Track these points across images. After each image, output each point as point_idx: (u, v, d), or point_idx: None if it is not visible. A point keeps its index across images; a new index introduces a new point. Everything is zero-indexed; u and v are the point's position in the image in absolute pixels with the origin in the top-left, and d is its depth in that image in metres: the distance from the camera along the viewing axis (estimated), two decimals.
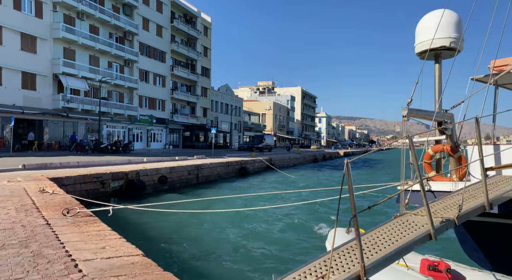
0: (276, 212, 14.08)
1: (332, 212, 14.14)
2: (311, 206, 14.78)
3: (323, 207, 14.95)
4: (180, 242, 9.79)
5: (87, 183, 14.34)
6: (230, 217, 12.96)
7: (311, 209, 14.68)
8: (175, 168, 20.14)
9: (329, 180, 27.31)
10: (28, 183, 10.35)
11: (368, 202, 15.91)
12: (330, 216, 13.59)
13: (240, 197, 14.90)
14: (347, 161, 2.57)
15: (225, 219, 12.64)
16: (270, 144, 52.78)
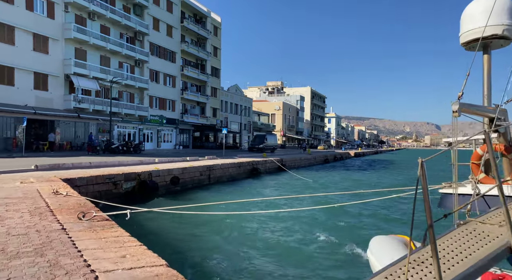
0: (306, 215, 13.32)
1: (371, 218, 13.31)
2: (349, 210, 14.16)
3: (357, 211, 14.36)
4: (203, 248, 9.29)
5: (100, 184, 14.12)
6: (257, 220, 12.41)
7: (347, 213, 13.93)
8: (187, 169, 19.87)
9: (347, 180, 26.71)
10: (41, 184, 10.13)
11: (405, 206, 15.10)
12: (371, 222, 12.80)
13: (266, 200, 14.45)
14: (421, 160, 2.16)
15: (251, 222, 12.11)
16: (273, 145, 50.16)
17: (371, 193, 15.05)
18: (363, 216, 13.82)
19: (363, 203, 12.63)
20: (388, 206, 15.67)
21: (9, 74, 26.46)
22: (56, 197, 8.01)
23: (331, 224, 12.21)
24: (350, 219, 13.21)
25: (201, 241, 9.94)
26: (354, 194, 16.10)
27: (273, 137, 51.68)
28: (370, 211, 14.66)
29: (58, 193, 8.52)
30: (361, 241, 9.23)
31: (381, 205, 15.48)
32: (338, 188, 22.28)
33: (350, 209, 13.99)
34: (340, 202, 14.43)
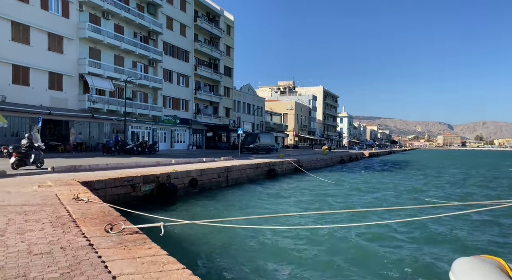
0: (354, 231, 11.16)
1: (444, 236, 10.85)
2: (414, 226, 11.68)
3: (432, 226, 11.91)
4: (246, 264, 7.86)
5: (118, 187, 13.56)
6: (299, 235, 10.47)
7: (409, 228, 11.53)
8: (205, 171, 19.23)
9: (373, 183, 25.70)
10: (60, 189, 9.56)
11: (477, 219, 13.21)
12: (444, 239, 10.58)
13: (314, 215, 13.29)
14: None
15: (294, 238, 10.24)
16: (268, 144, 43.49)
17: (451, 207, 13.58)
18: (433, 233, 11.33)
19: (437, 217, 11.12)
20: (459, 222, 12.98)
21: (24, 74, 26.23)
22: (77, 204, 7.40)
23: (392, 241, 10.30)
24: (418, 234, 11.01)
25: (239, 256, 8.52)
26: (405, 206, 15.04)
27: (268, 136, 45.24)
28: (442, 227, 11.94)
29: (78, 199, 7.92)
30: (440, 264, 7.99)
31: (447, 220, 12.86)
32: (381, 195, 20.33)
33: (414, 224, 11.71)
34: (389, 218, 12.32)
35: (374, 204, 16.37)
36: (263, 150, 41.53)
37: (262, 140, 42.13)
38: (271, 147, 43.67)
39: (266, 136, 44.36)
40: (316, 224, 11.91)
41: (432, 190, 22.95)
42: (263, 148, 41.74)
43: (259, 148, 40.57)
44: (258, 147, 40.41)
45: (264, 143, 42.22)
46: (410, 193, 21.07)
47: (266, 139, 43.48)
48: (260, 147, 41.03)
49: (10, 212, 6.40)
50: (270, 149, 43.34)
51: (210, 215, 12.31)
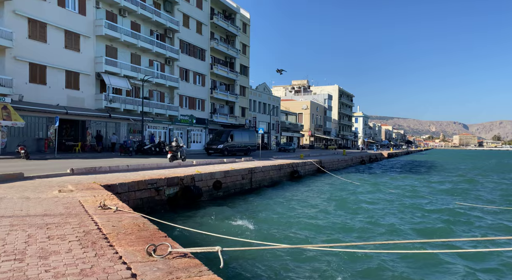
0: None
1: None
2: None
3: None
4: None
5: (142, 190, 12.59)
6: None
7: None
8: (229, 172, 18.18)
9: (415, 186, 24.16)
10: (82, 194, 8.59)
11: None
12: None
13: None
14: None
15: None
16: (246, 144, 33.84)
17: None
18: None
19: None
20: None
21: (41, 73, 25.65)
22: (105, 214, 6.38)
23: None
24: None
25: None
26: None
27: (246, 133, 34.97)
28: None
29: (105, 207, 6.91)
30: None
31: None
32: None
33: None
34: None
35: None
36: (240, 151, 32.60)
37: (237, 138, 32.47)
38: (250, 147, 34.15)
39: (243, 134, 34.21)
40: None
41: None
42: (239, 149, 32.63)
43: (232, 149, 31.56)
44: (231, 147, 31.35)
45: (239, 142, 32.73)
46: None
47: (243, 138, 33.60)
48: (234, 147, 31.83)
49: (30, 225, 5.40)
50: (248, 149, 33.87)
51: (249, 228, 10.92)
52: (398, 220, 13.49)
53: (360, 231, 11.55)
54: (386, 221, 13.08)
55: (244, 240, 5.55)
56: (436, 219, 13.72)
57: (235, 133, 32.56)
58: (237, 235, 8.87)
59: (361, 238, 10.66)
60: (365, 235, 11.02)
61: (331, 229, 11.53)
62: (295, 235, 10.44)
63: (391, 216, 14.24)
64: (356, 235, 10.95)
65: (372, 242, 9.19)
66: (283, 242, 8.98)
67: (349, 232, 11.36)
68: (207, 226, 10.45)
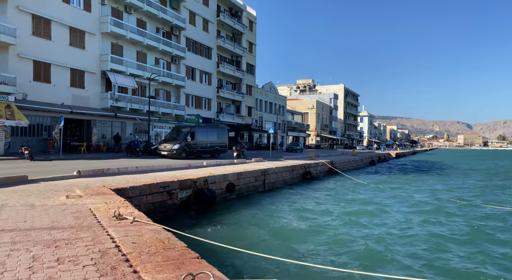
0: None
1: None
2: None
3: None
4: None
5: (153, 194, 11.75)
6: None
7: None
8: (242, 174, 17.32)
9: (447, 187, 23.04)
10: (93, 201, 7.74)
11: None
12: None
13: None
14: None
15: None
16: (214, 144, 27.48)
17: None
18: None
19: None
20: None
21: (45, 71, 24.87)
22: (121, 226, 5.52)
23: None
24: None
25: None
26: None
27: (214, 132, 28.08)
28: None
29: (120, 217, 6.05)
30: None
31: None
32: None
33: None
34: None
35: None
36: (204, 153, 26.68)
37: (201, 137, 25.97)
38: (219, 148, 27.94)
39: (210, 132, 27.54)
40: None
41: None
42: (203, 149, 26.41)
43: (193, 150, 25.22)
44: (191, 148, 24.90)
45: (204, 142, 26.24)
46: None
47: (210, 136, 27.07)
48: (195, 148, 25.41)
49: (35, 242, 4.55)
50: (217, 150, 27.68)
51: (282, 241, 9.68)
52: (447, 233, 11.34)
53: (411, 256, 9.05)
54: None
55: (300, 263, 4.66)
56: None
57: (197, 131, 25.92)
58: (272, 250, 7.94)
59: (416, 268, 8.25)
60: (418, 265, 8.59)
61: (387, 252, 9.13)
62: (338, 254, 8.83)
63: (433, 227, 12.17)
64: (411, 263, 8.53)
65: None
66: (336, 264, 7.90)
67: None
68: (231, 238, 9.52)
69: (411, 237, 10.72)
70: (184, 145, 24.36)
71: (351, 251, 9.02)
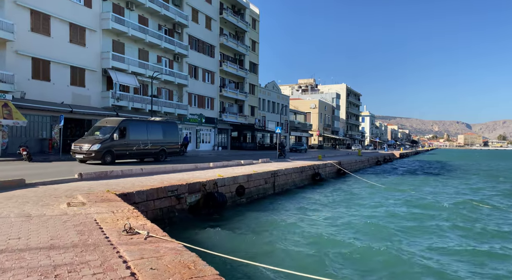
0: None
1: None
2: None
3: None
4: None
5: (161, 199, 10.86)
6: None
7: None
8: (252, 176, 16.43)
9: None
10: (97, 209, 6.84)
11: None
12: None
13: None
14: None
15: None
16: (160, 143, 21.03)
17: None
18: None
19: None
20: None
21: (44, 68, 23.96)
22: (134, 244, 4.62)
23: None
24: None
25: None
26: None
27: (157, 128, 21.28)
28: None
29: (132, 231, 5.15)
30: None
31: None
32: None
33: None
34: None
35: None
36: (143, 155, 20.25)
37: (137, 134, 19.40)
38: (166, 149, 21.38)
39: (151, 128, 20.73)
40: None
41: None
42: (141, 151, 19.69)
43: (124, 153, 18.66)
44: (120, 150, 18.38)
45: (142, 141, 19.56)
46: None
47: (151, 134, 20.40)
48: (127, 149, 18.77)
49: (30, 269, 3.66)
50: (163, 152, 21.16)
51: (315, 256, 8.64)
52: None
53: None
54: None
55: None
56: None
57: (131, 126, 19.06)
58: (300, 266, 7.01)
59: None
60: None
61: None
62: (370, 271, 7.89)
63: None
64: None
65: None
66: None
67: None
68: (252, 251, 8.55)
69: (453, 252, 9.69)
70: (108, 145, 17.59)
71: (385, 269, 8.11)
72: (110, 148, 17.84)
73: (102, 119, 20.62)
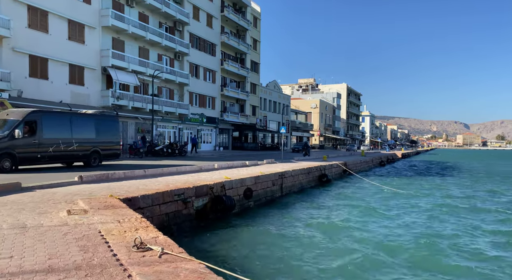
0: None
1: None
2: None
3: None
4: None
5: (167, 203, 10.14)
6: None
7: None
8: (259, 178, 15.73)
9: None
10: (101, 218, 6.11)
11: None
12: None
13: None
14: None
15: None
16: (90, 143, 16.32)
17: None
18: None
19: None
20: None
21: (42, 66, 23.19)
22: (148, 264, 3.91)
23: None
24: None
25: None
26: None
27: (88, 123, 16.66)
28: None
29: (143, 247, 4.44)
30: None
31: None
32: None
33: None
34: None
35: None
36: (66, 159, 16.03)
37: (54, 132, 14.95)
38: (101, 150, 16.91)
39: (78, 123, 16.15)
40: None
41: None
42: (63, 154, 15.31)
43: (32, 156, 14.24)
44: (27, 151, 14.02)
45: (62, 140, 15.16)
46: None
47: (77, 131, 15.88)
48: (39, 151, 14.32)
49: None
50: (96, 154, 16.74)
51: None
52: None
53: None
54: None
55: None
56: None
57: (45, 120, 14.69)
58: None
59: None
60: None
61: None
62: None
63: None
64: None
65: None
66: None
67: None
68: (273, 268, 7.80)
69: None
70: (6, 146, 13.23)
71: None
72: (9, 150, 13.28)
73: (3, 111, 15.69)
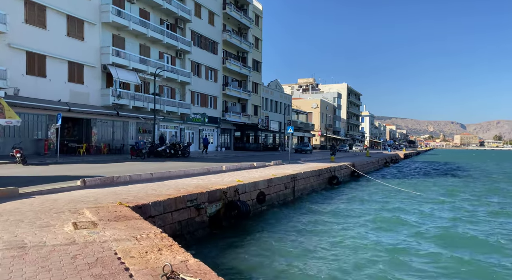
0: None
1: None
2: None
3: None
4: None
5: (179, 210, 9.24)
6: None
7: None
8: (272, 181, 14.87)
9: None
10: (115, 233, 5.19)
11: None
12: None
13: None
14: None
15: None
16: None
17: None
18: None
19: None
20: None
21: (40, 63, 22.20)
22: None
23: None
24: None
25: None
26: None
27: None
28: None
29: (174, 277, 3.54)
30: None
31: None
32: None
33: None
34: None
35: None
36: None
37: None
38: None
39: None
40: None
41: None
42: None
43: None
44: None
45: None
46: None
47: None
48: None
49: None
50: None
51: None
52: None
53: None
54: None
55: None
56: None
57: None
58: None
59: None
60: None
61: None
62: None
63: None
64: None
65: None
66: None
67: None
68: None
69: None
70: None
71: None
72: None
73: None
